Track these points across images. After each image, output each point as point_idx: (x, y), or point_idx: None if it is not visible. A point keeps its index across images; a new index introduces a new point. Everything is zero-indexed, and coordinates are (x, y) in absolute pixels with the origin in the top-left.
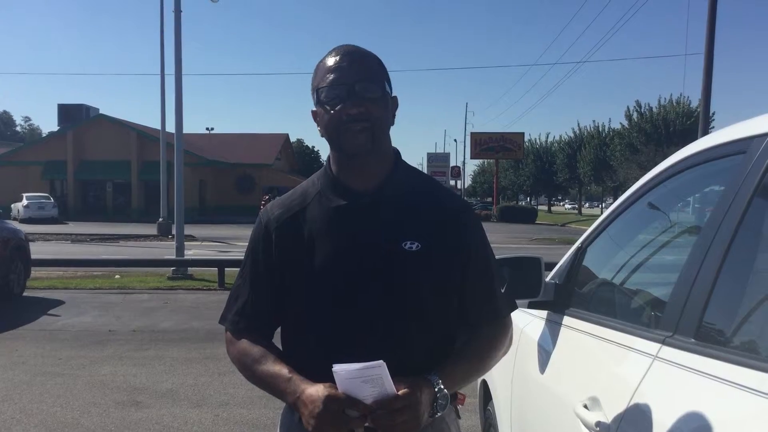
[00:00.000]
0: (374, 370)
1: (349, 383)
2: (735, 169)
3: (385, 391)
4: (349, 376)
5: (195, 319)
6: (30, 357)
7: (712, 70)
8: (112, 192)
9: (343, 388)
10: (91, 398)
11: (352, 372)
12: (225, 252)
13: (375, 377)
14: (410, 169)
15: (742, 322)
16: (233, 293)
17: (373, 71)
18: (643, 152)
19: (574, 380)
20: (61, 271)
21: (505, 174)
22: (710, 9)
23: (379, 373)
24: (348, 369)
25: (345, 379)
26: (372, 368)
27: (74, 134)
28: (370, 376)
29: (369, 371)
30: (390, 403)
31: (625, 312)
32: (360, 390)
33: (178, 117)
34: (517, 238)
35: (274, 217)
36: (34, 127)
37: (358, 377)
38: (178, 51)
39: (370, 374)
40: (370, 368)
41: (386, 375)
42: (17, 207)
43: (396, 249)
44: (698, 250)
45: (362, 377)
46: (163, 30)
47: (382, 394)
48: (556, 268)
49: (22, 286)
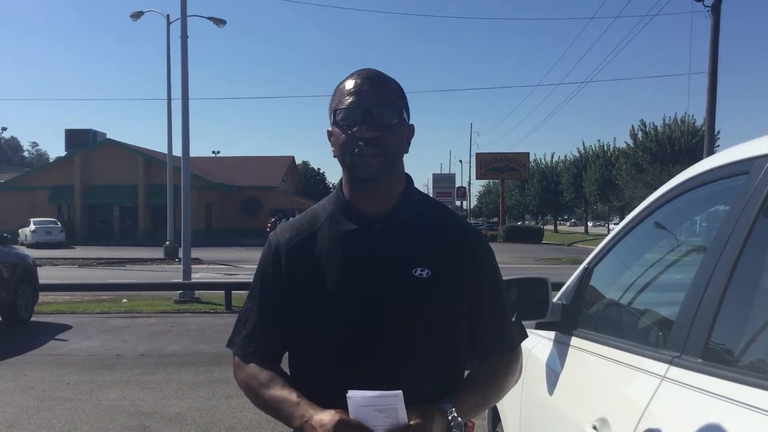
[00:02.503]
0: (390, 399)
1: (362, 411)
2: (739, 189)
3: (398, 422)
4: (364, 403)
5: (202, 343)
6: (38, 382)
7: (716, 89)
8: (119, 216)
9: (355, 416)
10: (99, 423)
11: (367, 399)
12: (232, 275)
13: (389, 407)
14: (422, 195)
15: (750, 341)
16: (241, 316)
17: (392, 98)
18: (648, 171)
19: (582, 401)
20: (69, 295)
21: (511, 194)
22: (713, 28)
23: (395, 402)
24: (363, 396)
25: (359, 406)
26: (388, 397)
27: (81, 159)
28: (385, 405)
29: (384, 400)
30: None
31: (632, 332)
32: (372, 418)
33: (184, 141)
34: (524, 258)
35: (285, 240)
36: (42, 152)
37: (372, 405)
38: (185, 76)
39: (385, 403)
40: (386, 397)
41: (401, 405)
42: (24, 232)
43: (406, 276)
44: (704, 270)
45: (376, 405)
46: (169, 55)
47: (394, 424)
48: (563, 289)
49: (29, 311)
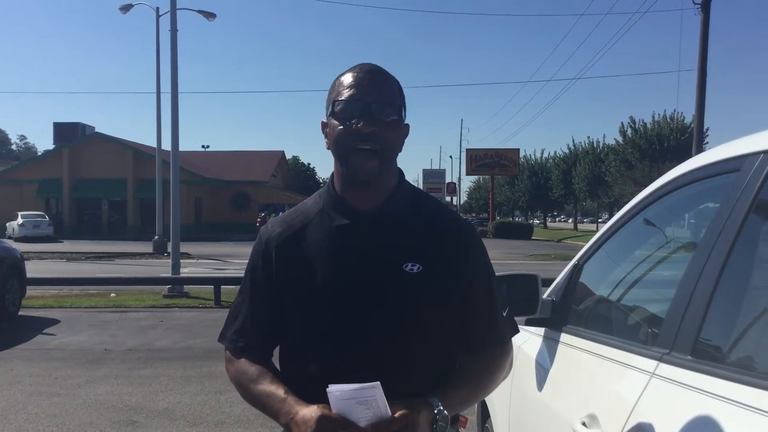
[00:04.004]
0: (369, 392)
1: (343, 404)
2: (729, 186)
3: (380, 414)
4: (344, 396)
5: (191, 338)
6: (25, 376)
7: (706, 86)
8: (107, 210)
9: (337, 410)
10: (87, 418)
11: (347, 393)
12: (221, 270)
13: (370, 399)
14: (414, 189)
15: (739, 338)
16: (232, 311)
17: (392, 95)
18: (638, 168)
19: (572, 397)
20: (57, 289)
21: (501, 190)
22: (703, 26)
23: (374, 394)
24: (342, 389)
25: (339, 399)
26: (367, 389)
27: (70, 152)
28: (365, 398)
29: (364, 392)
30: (386, 426)
31: (622, 329)
32: (354, 412)
33: (174, 135)
34: (513, 254)
35: (275, 234)
36: (30, 145)
37: (353, 398)
38: (174, 69)
39: (365, 395)
40: (366, 389)
41: (381, 396)
42: (12, 225)
43: (397, 270)
44: (694, 267)
45: (357, 398)
46: (159, 48)
47: (377, 416)
48: (553, 285)
49: (17, 305)
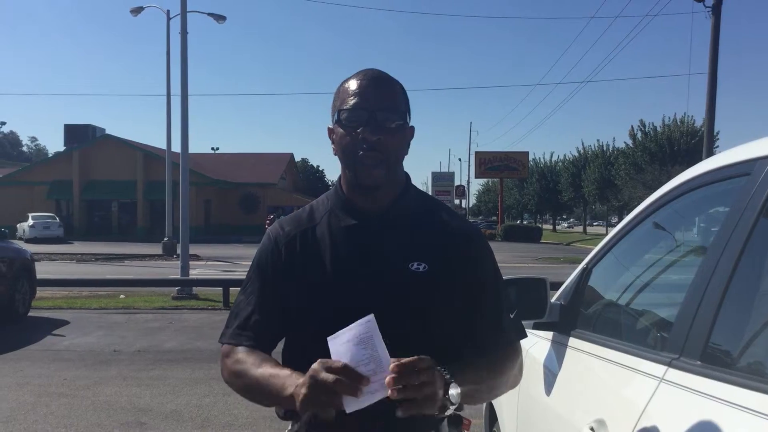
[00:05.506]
0: (364, 327)
1: (343, 349)
2: (740, 190)
3: (378, 355)
4: (343, 339)
5: (199, 339)
6: (35, 377)
7: (716, 90)
8: (117, 212)
9: (337, 357)
10: (95, 419)
11: (344, 335)
12: (230, 271)
13: (366, 336)
14: (420, 192)
15: (749, 344)
16: (234, 310)
17: (396, 101)
18: (647, 171)
19: (580, 402)
20: (66, 291)
21: (510, 193)
22: (713, 29)
23: (369, 330)
24: (339, 333)
25: (339, 345)
26: (362, 325)
27: (80, 154)
28: (362, 335)
29: (359, 328)
30: (413, 364)
31: (631, 333)
32: (354, 356)
33: (183, 137)
34: (522, 257)
35: (284, 233)
36: (41, 147)
37: (350, 340)
38: (184, 72)
39: (359, 332)
40: (361, 325)
41: (376, 330)
42: (23, 227)
43: (403, 270)
44: (704, 272)
45: (354, 339)
46: (169, 51)
47: (376, 357)
48: (561, 289)
49: (27, 306)
